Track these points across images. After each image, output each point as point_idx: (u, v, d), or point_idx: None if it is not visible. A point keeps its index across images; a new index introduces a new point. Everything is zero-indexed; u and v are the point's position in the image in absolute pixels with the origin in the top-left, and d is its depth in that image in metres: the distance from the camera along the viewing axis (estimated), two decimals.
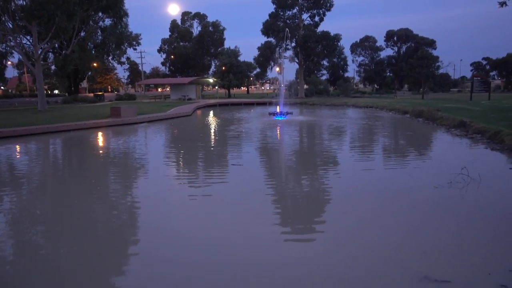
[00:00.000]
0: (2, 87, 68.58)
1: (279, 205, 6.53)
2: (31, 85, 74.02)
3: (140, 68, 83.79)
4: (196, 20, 78.05)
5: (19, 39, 30.81)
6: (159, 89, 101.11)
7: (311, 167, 9.67)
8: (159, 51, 77.59)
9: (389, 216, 5.76)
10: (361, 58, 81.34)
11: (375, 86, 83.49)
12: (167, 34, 78.40)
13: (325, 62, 64.59)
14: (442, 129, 16.49)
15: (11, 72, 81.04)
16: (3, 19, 28.65)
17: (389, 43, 77.72)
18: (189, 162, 10.85)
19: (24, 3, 28.17)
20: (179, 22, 77.94)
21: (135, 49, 59.42)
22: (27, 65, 32.11)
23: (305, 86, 56.16)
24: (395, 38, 76.35)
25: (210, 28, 74.76)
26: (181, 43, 75.90)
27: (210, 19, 76.86)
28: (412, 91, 58.17)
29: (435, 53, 57.61)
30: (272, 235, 5.08)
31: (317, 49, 50.26)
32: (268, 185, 7.88)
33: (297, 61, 52.00)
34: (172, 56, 74.37)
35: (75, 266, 4.32)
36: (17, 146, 14.06)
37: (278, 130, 17.69)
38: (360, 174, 8.67)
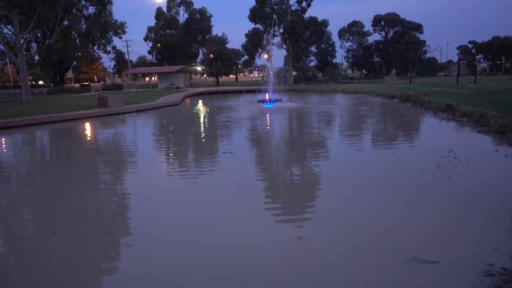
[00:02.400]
0: None
1: (271, 192, 6.56)
2: (15, 76, 72.43)
3: (126, 57, 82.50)
4: (182, 7, 76.82)
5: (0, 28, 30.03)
6: (147, 78, 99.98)
7: (302, 153, 9.71)
8: (145, 39, 76.36)
9: (378, 200, 5.83)
10: (349, 43, 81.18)
11: (363, 71, 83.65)
12: (153, 22, 77.16)
13: (313, 48, 64.41)
14: (430, 113, 16.66)
15: None
16: None
17: (376, 28, 77.59)
18: (179, 151, 10.80)
19: None
20: (164, 9, 76.63)
21: (120, 38, 58.24)
22: (10, 56, 31.31)
23: (294, 73, 56.02)
24: (382, 23, 76.22)
25: (197, 15, 73.67)
26: (168, 31, 74.75)
27: (197, 5, 75.81)
28: (399, 76, 58.44)
29: (422, 37, 57.82)
30: (264, 221, 5.12)
31: (305, 35, 50.01)
32: (259, 172, 7.90)
33: (285, 47, 51.74)
34: (159, 45, 73.29)
35: (66, 258, 4.30)
36: (3, 139, 13.81)
37: (267, 118, 17.67)
38: (349, 159, 8.74)
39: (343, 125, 15.16)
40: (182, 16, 76.98)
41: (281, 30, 49.10)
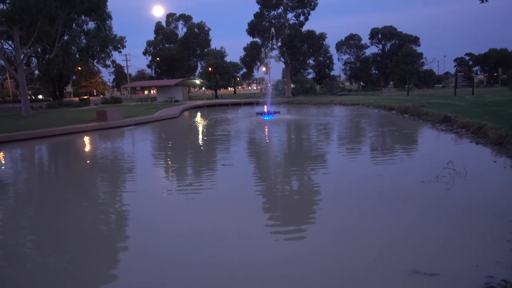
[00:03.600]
0: None
1: (270, 204, 6.54)
2: (14, 90, 72.70)
3: (125, 71, 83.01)
4: (181, 21, 77.67)
5: (0, 44, 30.24)
6: (146, 92, 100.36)
7: (300, 165, 9.70)
8: (144, 53, 76.99)
9: (378, 212, 5.81)
10: (347, 56, 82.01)
11: (361, 83, 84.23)
12: (152, 36, 77.90)
13: (311, 61, 64.92)
14: (428, 124, 16.72)
15: None
16: None
17: (373, 41, 78.47)
18: (178, 164, 10.79)
19: (5, 7, 27.62)
20: (164, 24, 77.44)
21: (120, 52, 58.59)
22: (10, 71, 31.50)
23: (292, 85, 56.36)
24: (379, 36, 77.09)
25: (195, 30, 74.46)
26: (167, 45, 75.42)
27: (195, 20, 76.68)
28: (397, 88, 58.80)
29: (419, 49, 58.50)
30: (263, 233, 5.09)
31: (302, 48, 50.49)
32: (258, 184, 7.89)
33: (283, 60, 52.16)
34: (158, 58, 73.85)
35: (64, 270, 4.27)
36: (1, 153, 13.79)
37: (266, 130, 17.71)
38: (348, 171, 8.74)
39: (342, 137, 15.19)
40: (181, 30, 77.82)
41: (279, 44, 49.60)
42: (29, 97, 36.42)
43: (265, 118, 22.23)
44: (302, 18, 50.99)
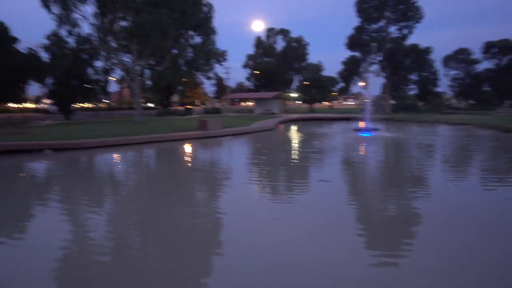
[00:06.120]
0: (107, 101, 76.58)
1: (365, 226, 6.19)
2: (130, 98, 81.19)
3: (225, 83, 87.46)
4: (279, 36, 79.43)
5: (119, 57, 34.09)
6: (244, 103, 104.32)
7: (400, 187, 9.08)
8: (244, 66, 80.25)
9: (484, 246, 5.11)
10: (454, 71, 75.67)
11: (471, 101, 76.87)
12: (251, 50, 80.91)
13: (413, 77, 61.28)
14: None
15: (114, 87, 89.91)
16: (108, 39, 32.02)
17: (487, 55, 71.27)
18: (273, 175, 10.85)
19: (127, 24, 31.17)
20: (263, 38, 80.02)
21: (221, 65, 62.19)
22: (127, 81, 35.30)
23: (392, 101, 53.75)
24: (494, 50, 69.80)
25: (294, 44, 75.54)
26: (265, 59, 77.67)
27: (293, 34, 77.80)
28: None
29: None
30: (357, 258, 4.81)
31: (405, 63, 47.97)
32: (356, 204, 7.54)
33: (383, 75, 50.13)
34: (256, 71, 76.39)
35: (161, 268, 4.51)
36: (118, 155, 15.36)
37: (364, 147, 17.05)
38: (452, 197, 7.90)
39: (448, 160, 13.92)
40: (280, 44, 79.49)
41: (379, 58, 47.81)
42: (142, 105, 40.28)
43: (363, 135, 21.45)
44: (405, 31, 48.59)
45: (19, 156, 14.47)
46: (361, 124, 24.84)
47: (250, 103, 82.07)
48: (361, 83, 53.05)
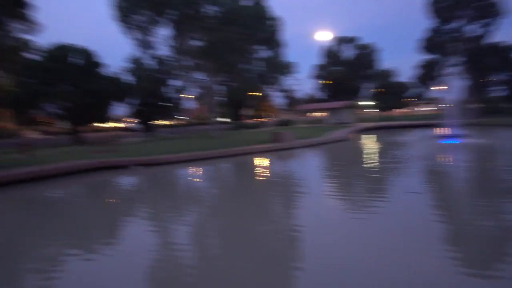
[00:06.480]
0: (186, 118, 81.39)
1: (457, 242, 5.75)
2: (206, 114, 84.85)
3: (295, 94, 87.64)
4: (349, 44, 78.00)
5: (194, 75, 35.91)
6: (315, 114, 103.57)
7: (494, 200, 8.28)
8: (313, 76, 79.90)
9: None
10: None
11: None
12: (317, 60, 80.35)
13: (501, 77, 56.31)
14: None
15: (191, 104, 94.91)
16: (183, 58, 33.97)
17: None
18: (353, 187, 10.56)
19: (203, 45, 32.82)
20: (332, 47, 79.10)
21: (291, 77, 62.63)
22: (203, 97, 37.03)
23: (476, 105, 49.76)
24: None
25: (364, 51, 73.67)
26: (335, 68, 76.65)
27: (363, 41, 75.88)
28: None
29: None
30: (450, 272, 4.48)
31: (489, 63, 44.36)
32: (447, 217, 7.04)
33: (465, 77, 46.72)
34: (326, 81, 75.61)
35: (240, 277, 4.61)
36: (197, 168, 16.07)
37: (451, 156, 15.93)
38: None
39: None
40: (349, 52, 77.98)
41: (461, 59, 44.76)
42: (217, 120, 41.83)
43: (446, 142, 20.07)
44: (488, 28, 45.05)
45: (110, 172, 15.51)
46: (445, 131, 23.22)
47: (319, 114, 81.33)
48: (442, 87, 49.94)
